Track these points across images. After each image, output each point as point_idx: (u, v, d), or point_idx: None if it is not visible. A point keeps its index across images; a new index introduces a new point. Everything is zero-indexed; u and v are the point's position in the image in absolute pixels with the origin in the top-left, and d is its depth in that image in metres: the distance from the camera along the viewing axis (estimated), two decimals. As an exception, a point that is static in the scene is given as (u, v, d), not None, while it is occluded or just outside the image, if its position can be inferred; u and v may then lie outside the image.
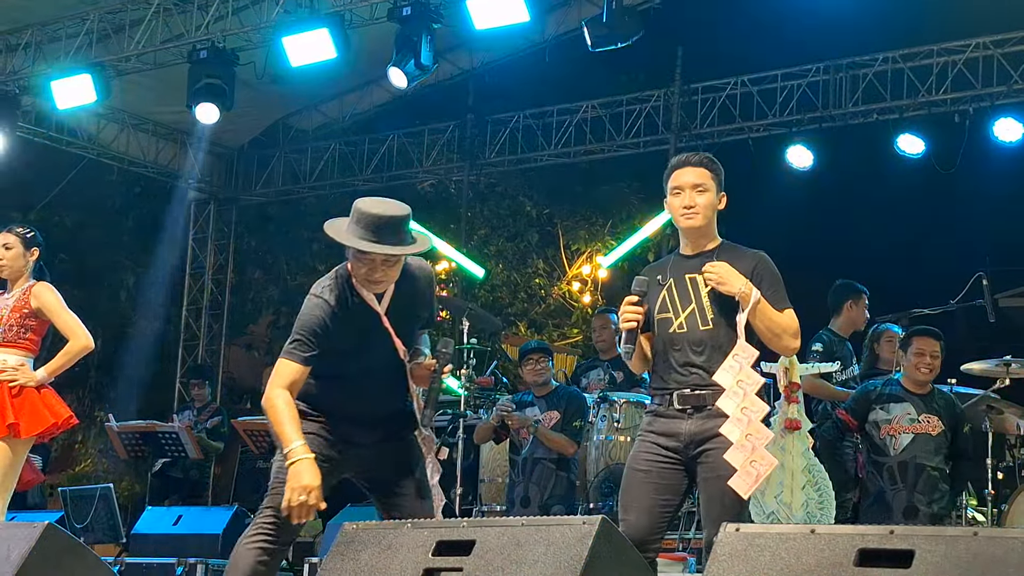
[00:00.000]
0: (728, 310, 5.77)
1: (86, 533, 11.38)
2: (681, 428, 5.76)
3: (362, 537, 4.76)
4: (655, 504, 5.76)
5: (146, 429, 12.70)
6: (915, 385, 9.18)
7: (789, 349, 5.92)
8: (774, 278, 5.86)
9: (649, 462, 5.81)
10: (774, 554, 4.04)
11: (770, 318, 5.74)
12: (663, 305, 5.91)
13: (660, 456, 5.79)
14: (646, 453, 5.84)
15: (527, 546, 4.34)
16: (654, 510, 5.75)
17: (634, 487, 5.83)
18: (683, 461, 5.77)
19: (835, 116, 14.91)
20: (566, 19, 15.19)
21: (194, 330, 18.12)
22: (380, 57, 13.12)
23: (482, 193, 19.86)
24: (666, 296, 5.91)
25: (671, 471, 5.78)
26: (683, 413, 5.77)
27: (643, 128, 15.93)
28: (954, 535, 3.83)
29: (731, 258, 5.86)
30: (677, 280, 5.91)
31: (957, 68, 14.12)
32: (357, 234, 5.60)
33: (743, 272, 5.78)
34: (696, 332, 5.78)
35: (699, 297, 5.83)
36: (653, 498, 5.76)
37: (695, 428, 5.73)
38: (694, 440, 5.73)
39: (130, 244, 19.46)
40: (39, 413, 7.88)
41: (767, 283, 5.81)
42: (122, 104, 16.03)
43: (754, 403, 5.59)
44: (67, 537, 5.56)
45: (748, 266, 5.83)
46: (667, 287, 5.91)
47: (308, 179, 18.11)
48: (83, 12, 14.29)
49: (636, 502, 5.80)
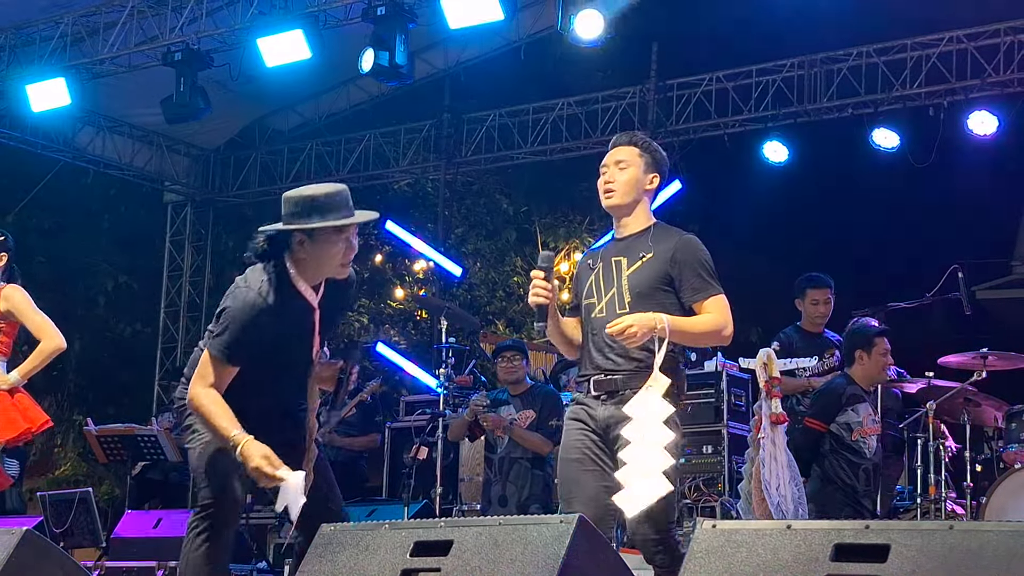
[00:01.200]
0: (647, 293, 5.67)
1: (66, 538, 11.35)
2: (596, 413, 5.72)
3: (339, 538, 4.75)
4: (599, 492, 5.64)
5: (125, 432, 12.64)
6: (870, 384, 9.25)
7: (722, 343, 5.83)
8: (695, 265, 5.71)
9: (579, 449, 5.74)
10: (751, 550, 4.05)
11: (687, 332, 5.63)
12: (589, 290, 5.85)
13: (586, 440, 5.72)
14: (573, 440, 5.76)
15: (504, 546, 4.34)
16: (599, 497, 5.63)
17: (573, 478, 5.75)
18: (607, 443, 5.70)
19: (810, 111, 14.94)
20: (541, 17, 15.19)
21: (172, 332, 18.09)
22: (355, 57, 13.11)
23: (459, 192, 19.84)
24: (593, 281, 5.85)
25: (600, 456, 5.70)
26: (597, 399, 5.73)
27: (619, 125, 15.90)
28: (930, 529, 3.84)
29: (657, 239, 5.77)
30: (605, 264, 5.84)
31: (931, 62, 14.16)
32: (322, 220, 5.58)
33: (662, 255, 5.69)
34: (613, 316, 5.64)
35: (620, 281, 5.75)
36: (593, 485, 5.68)
37: (607, 413, 5.67)
38: (609, 424, 5.66)
39: (107, 247, 19.40)
40: (12, 418, 7.83)
41: (687, 273, 5.68)
42: (97, 107, 16.02)
43: (659, 431, 5.44)
44: (46, 542, 5.54)
45: (667, 251, 5.72)
46: (596, 272, 5.85)
47: (285, 180, 18.05)
48: (57, 15, 14.27)
49: (578, 492, 5.71)
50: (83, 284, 19.26)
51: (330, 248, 5.66)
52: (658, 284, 5.70)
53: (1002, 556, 3.66)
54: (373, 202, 20.06)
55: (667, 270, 5.71)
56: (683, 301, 5.71)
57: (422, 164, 17.90)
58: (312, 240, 5.63)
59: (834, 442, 9.11)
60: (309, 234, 5.61)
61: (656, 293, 5.69)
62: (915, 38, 14.28)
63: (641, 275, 5.71)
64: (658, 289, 5.70)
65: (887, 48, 14.50)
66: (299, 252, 5.66)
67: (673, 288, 5.71)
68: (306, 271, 5.70)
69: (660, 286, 5.70)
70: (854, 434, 9.07)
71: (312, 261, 5.68)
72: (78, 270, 19.24)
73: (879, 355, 9.29)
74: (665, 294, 5.70)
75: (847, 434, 9.08)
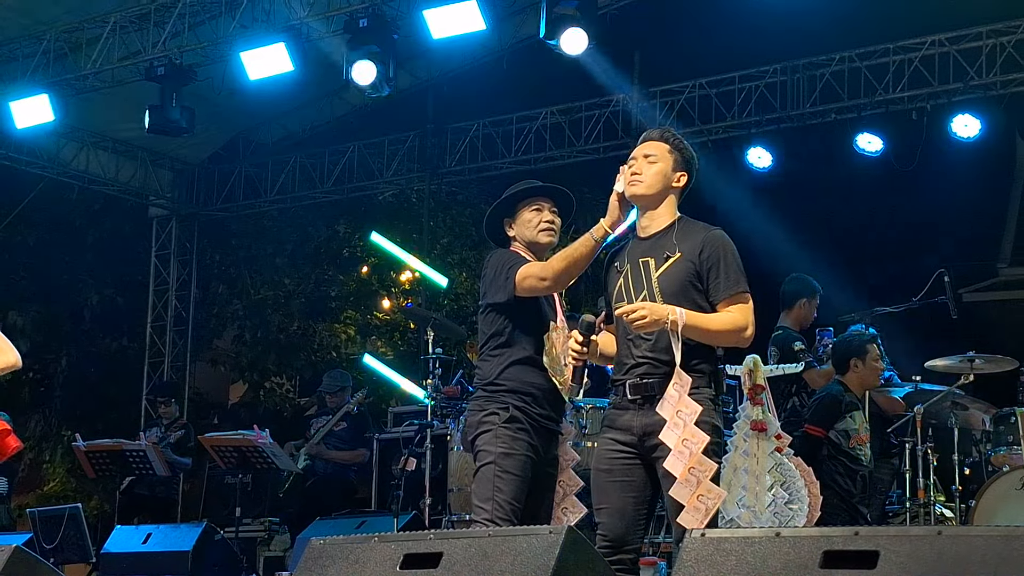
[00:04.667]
0: (679, 292, 5.62)
1: (55, 554, 11.34)
2: (633, 422, 5.67)
3: (329, 552, 4.75)
4: (627, 504, 5.66)
5: (113, 448, 12.63)
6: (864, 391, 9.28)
7: (741, 344, 5.75)
8: (725, 261, 5.67)
9: (610, 460, 5.72)
10: (740, 558, 4.05)
11: (704, 329, 5.59)
12: (619, 293, 5.79)
13: (618, 453, 5.70)
14: (605, 451, 5.75)
15: (494, 557, 4.34)
16: (627, 510, 5.66)
17: (602, 488, 5.73)
18: (640, 454, 5.67)
19: (793, 116, 14.94)
20: (523, 26, 15.20)
21: (159, 347, 18.04)
22: (338, 69, 13.11)
23: (444, 202, 19.85)
24: (622, 285, 5.79)
25: (632, 467, 5.68)
26: (634, 404, 5.67)
27: (603, 133, 15.94)
28: (918, 535, 3.84)
29: (685, 235, 5.72)
30: (632, 265, 5.78)
31: (913, 66, 14.17)
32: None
33: (689, 254, 5.65)
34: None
35: (649, 281, 5.69)
36: (623, 497, 5.67)
37: (645, 420, 5.62)
38: (646, 432, 5.62)
39: (92, 262, 19.38)
40: None
41: (718, 268, 5.65)
42: (81, 122, 15.99)
43: (694, 434, 5.47)
44: (36, 560, 5.52)
45: (694, 248, 5.68)
46: (623, 274, 5.79)
47: (270, 192, 18.07)
48: (39, 31, 14.25)
49: (607, 504, 5.71)
50: (69, 299, 19.25)
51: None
52: (689, 283, 5.65)
53: (991, 561, 3.66)
54: (357, 213, 20.10)
55: (695, 268, 5.67)
56: (709, 298, 5.68)
57: (406, 175, 17.87)
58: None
59: (831, 448, 9.13)
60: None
61: (688, 292, 5.64)
62: (896, 43, 14.29)
63: (670, 275, 5.66)
64: (690, 287, 5.65)
65: (869, 53, 14.51)
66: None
67: (703, 286, 5.69)
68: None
69: (691, 284, 5.66)
70: (852, 441, 9.10)
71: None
72: (63, 285, 19.22)
73: (873, 361, 9.33)
74: (697, 292, 5.66)
75: (845, 441, 9.10)
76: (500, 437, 6.17)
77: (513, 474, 6.12)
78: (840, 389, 9.31)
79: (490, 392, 6.32)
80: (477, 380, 6.47)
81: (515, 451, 6.16)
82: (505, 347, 6.35)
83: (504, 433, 6.18)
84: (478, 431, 6.27)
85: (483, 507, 6.10)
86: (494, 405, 6.26)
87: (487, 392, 6.33)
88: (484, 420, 6.26)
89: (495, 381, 6.31)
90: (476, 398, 6.40)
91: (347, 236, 21.04)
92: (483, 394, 6.35)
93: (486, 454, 6.19)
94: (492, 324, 6.43)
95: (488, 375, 6.36)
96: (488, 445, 6.19)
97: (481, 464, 6.20)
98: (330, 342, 20.79)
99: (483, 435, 6.24)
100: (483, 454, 6.21)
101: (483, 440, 6.23)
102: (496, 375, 6.32)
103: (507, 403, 6.23)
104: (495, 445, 6.16)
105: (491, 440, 6.19)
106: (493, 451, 6.15)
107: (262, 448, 11.47)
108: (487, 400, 6.31)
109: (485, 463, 6.18)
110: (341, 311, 20.91)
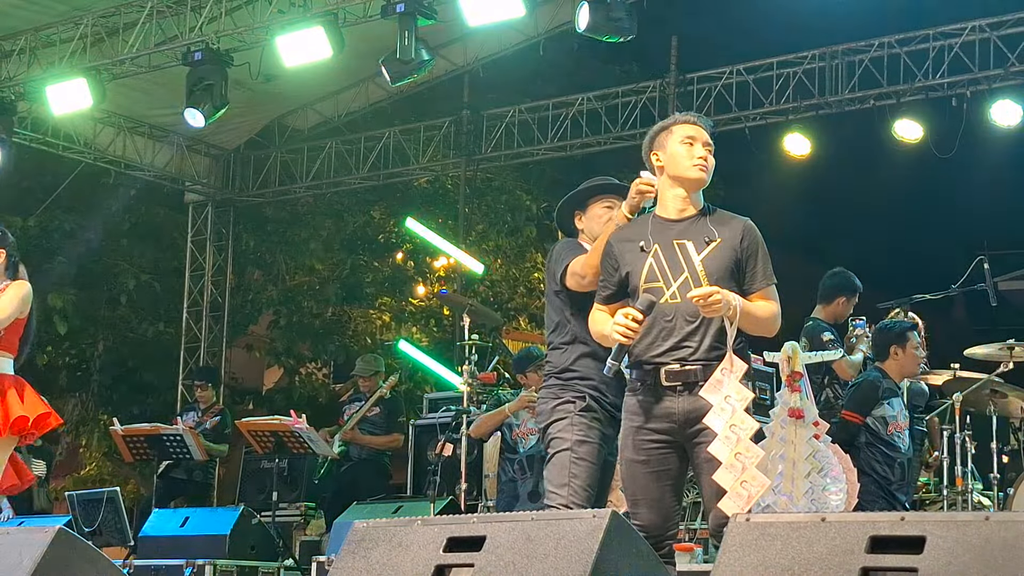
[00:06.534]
0: (724, 277, 5.63)
1: (94, 537, 11.38)
2: (674, 407, 5.62)
3: (373, 535, 4.75)
4: (665, 494, 5.67)
5: (150, 432, 12.66)
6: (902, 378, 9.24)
7: (769, 335, 5.80)
8: (762, 251, 5.75)
9: (646, 451, 5.68)
10: (785, 543, 4.02)
11: (754, 317, 5.63)
12: (651, 273, 5.70)
13: (654, 443, 5.66)
14: (640, 441, 5.69)
15: (538, 541, 4.33)
16: (664, 500, 5.67)
17: (638, 479, 5.71)
18: (676, 442, 5.66)
19: (832, 103, 14.87)
20: (559, 12, 15.15)
21: (195, 332, 18.09)
22: (374, 54, 13.09)
23: (479, 188, 19.82)
24: (653, 263, 5.71)
25: (668, 455, 5.67)
26: (672, 390, 5.63)
27: (639, 119, 15.88)
28: (965, 520, 3.81)
29: (718, 223, 5.74)
30: (664, 246, 5.71)
31: (954, 52, 14.08)
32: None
33: (730, 241, 5.68)
34: (691, 302, 5.56)
35: (692, 265, 5.65)
36: (659, 487, 5.66)
37: (688, 406, 5.59)
38: (688, 419, 5.59)
39: (129, 247, 19.43)
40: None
41: (756, 258, 5.72)
42: (118, 108, 16.02)
43: (743, 420, 5.45)
44: (79, 541, 5.53)
45: (735, 236, 5.71)
46: (652, 253, 5.72)
47: (305, 178, 18.09)
48: (76, 16, 14.27)
49: (644, 495, 5.69)
50: (105, 285, 19.30)
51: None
52: (732, 268, 5.68)
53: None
54: (393, 200, 20.12)
55: (737, 256, 5.70)
56: (743, 287, 5.70)
57: (442, 161, 17.88)
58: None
59: (869, 435, 9.10)
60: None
61: (731, 277, 5.67)
62: (937, 28, 14.19)
63: (716, 260, 5.66)
64: (732, 273, 5.68)
65: (909, 39, 14.42)
66: None
67: (740, 273, 5.72)
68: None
69: (734, 270, 5.69)
70: (889, 428, 9.06)
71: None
72: (100, 271, 19.28)
73: (913, 349, 9.29)
74: (735, 280, 5.69)
75: (883, 428, 9.07)
76: (576, 425, 6.26)
77: (588, 461, 6.21)
78: (878, 375, 9.27)
79: (564, 380, 6.39)
80: (549, 368, 6.53)
81: (589, 439, 6.25)
82: (573, 340, 6.42)
83: (580, 421, 6.27)
84: (551, 419, 6.35)
85: (558, 492, 6.17)
86: (569, 393, 6.34)
87: (561, 381, 6.40)
88: (558, 408, 6.34)
89: (569, 368, 6.39)
90: (549, 386, 6.46)
91: (382, 222, 21.05)
92: (556, 383, 6.41)
93: (561, 441, 6.26)
94: (555, 312, 6.54)
95: (560, 364, 6.44)
96: (564, 432, 6.27)
97: (555, 451, 6.28)
98: (365, 328, 20.80)
99: (558, 422, 6.31)
100: (557, 441, 6.28)
101: (557, 427, 6.31)
102: (569, 363, 6.40)
103: (583, 392, 6.31)
104: (571, 432, 6.24)
105: (567, 428, 6.27)
106: (569, 438, 6.24)
107: (298, 433, 11.49)
108: (561, 388, 6.38)
109: (560, 450, 6.25)
110: (376, 297, 20.90)
